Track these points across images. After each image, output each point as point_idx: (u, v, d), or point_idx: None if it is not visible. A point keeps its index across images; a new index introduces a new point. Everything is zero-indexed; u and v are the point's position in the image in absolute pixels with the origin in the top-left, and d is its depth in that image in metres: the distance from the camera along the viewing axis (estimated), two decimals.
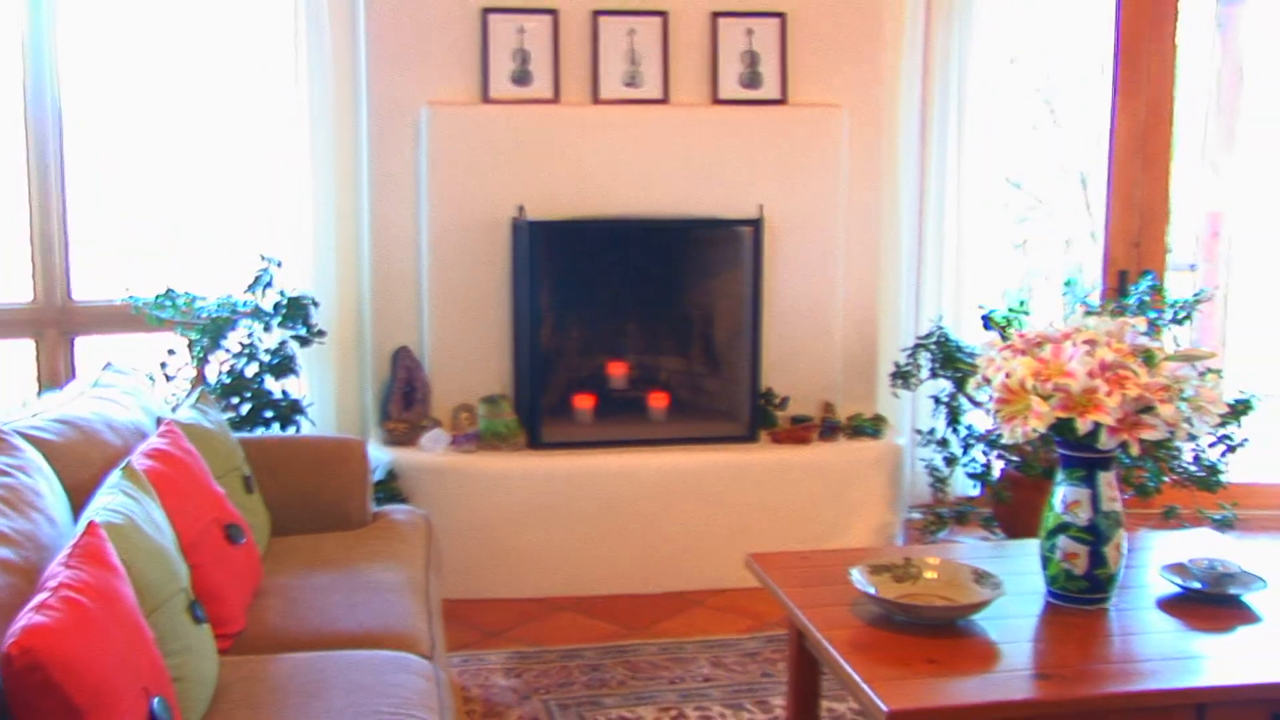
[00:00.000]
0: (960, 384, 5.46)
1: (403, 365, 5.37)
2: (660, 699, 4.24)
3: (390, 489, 5.03)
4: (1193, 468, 5.42)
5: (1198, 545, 3.87)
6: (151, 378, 4.83)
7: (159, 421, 3.63)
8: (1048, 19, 7.93)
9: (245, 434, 4.68)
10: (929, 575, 3.37)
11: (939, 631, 3.20)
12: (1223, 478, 5.45)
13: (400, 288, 5.45)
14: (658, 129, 5.45)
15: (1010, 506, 5.44)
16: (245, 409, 5.09)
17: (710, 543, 5.21)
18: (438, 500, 5.02)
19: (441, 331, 5.42)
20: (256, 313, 5.16)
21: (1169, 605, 3.43)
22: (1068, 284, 6.39)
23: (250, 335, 5.16)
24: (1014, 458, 5.44)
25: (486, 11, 5.33)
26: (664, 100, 5.47)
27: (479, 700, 4.21)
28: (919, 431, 5.73)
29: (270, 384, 5.17)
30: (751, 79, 5.53)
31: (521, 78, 5.38)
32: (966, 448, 5.58)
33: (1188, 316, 5.56)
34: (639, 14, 5.44)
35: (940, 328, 5.63)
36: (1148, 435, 3.15)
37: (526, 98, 5.38)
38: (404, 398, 5.35)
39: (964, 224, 5.93)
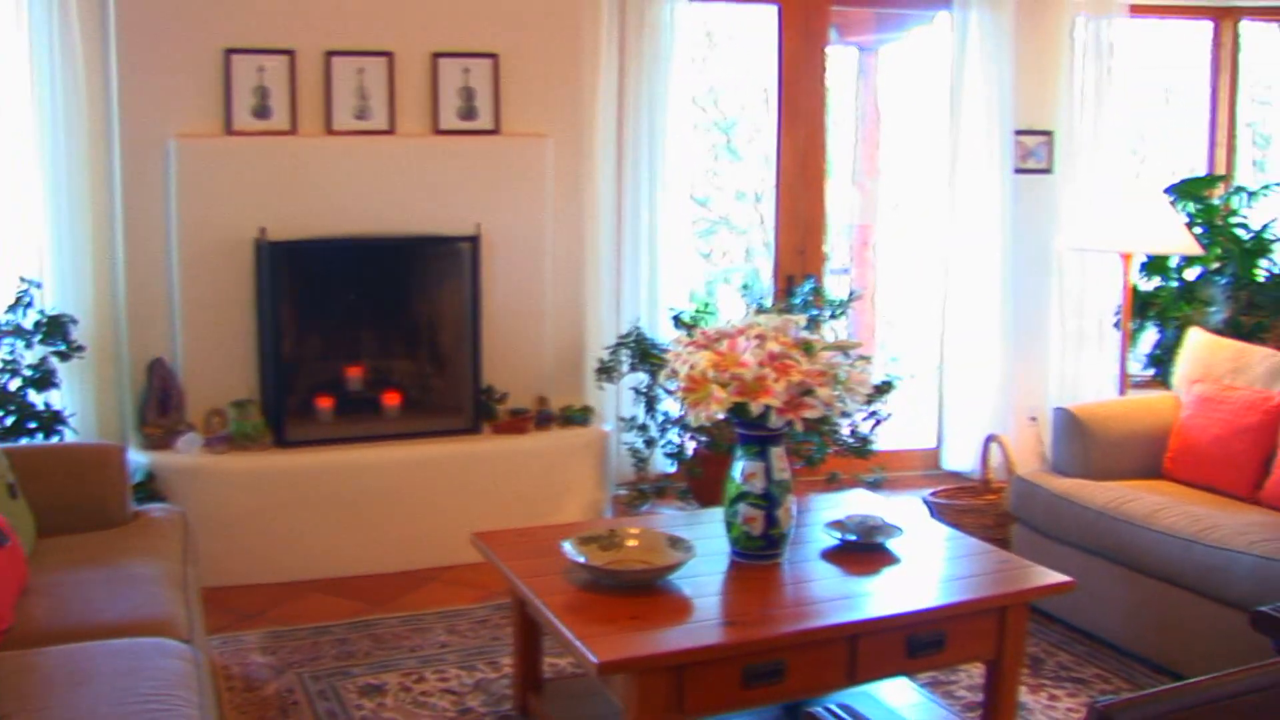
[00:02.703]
0: (655, 376, 5.58)
1: (158, 375, 5.18)
2: (403, 666, 4.21)
3: (149, 489, 4.85)
4: (849, 439, 5.65)
5: (854, 504, 4.07)
6: None
7: None
8: (725, 64, 8.17)
9: (9, 444, 4.45)
10: (631, 543, 3.44)
11: (641, 591, 3.27)
12: (873, 446, 5.71)
13: (154, 304, 5.24)
14: (386, 157, 5.39)
15: (702, 480, 5.56)
16: (9, 421, 4.83)
17: (442, 524, 5.18)
18: (194, 497, 4.85)
19: (193, 343, 5.24)
20: (18, 331, 4.91)
21: (830, 555, 3.60)
22: (744, 287, 6.60)
23: (12, 352, 4.90)
24: (703, 438, 5.57)
25: (229, 52, 5.18)
26: (391, 131, 5.41)
27: (239, 677, 4.10)
28: (622, 418, 5.81)
29: (33, 397, 4.92)
30: (468, 112, 5.52)
31: (262, 112, 5.24)
32: (663, 431, 5.69)
33: (843, 312, 5.80)
34: (367, 54, 5.37)
35: (637, 328, 5.73)
36: (809, 414, 3.29)
37: (266, 130, 5.25)
38: (160, 405, 5.16)
39: (657, 237, 6.03)
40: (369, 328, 5.73)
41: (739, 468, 3.42)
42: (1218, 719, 1.70)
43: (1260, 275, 6.16)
